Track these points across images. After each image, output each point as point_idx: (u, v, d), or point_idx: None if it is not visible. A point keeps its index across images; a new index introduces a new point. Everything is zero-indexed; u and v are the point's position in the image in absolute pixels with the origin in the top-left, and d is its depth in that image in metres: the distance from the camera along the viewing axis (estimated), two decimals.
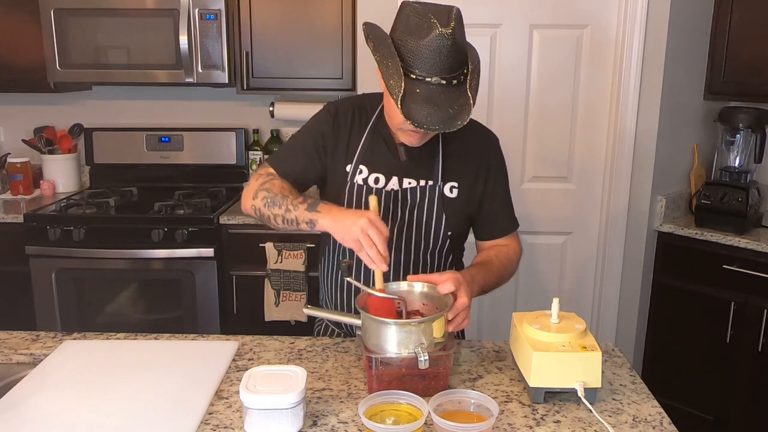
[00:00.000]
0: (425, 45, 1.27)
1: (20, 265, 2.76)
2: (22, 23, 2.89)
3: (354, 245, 1.31)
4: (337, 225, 1.34)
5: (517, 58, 2.72)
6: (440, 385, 1.28)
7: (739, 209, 2.67)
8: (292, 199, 1.42)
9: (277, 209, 1.43)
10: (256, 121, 3.31)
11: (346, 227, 1.31)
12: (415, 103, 1.28)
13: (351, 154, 1.52)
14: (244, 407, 1.13)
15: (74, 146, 3.25)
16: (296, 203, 1.41)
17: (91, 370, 1.37)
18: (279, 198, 1.43)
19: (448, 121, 1.30)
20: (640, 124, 2.70)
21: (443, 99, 1.29)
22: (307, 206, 1.39)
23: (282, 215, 1.42)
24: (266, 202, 1.45)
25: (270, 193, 1.45)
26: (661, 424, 1.21)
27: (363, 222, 1.28)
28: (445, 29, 1.25)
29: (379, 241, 1.28)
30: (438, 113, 1.29)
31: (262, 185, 1.48)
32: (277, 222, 1.45)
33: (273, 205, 1.44)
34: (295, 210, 1.40)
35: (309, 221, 1.38)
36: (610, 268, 2.85)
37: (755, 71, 2.74)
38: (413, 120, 1.28)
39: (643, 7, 2.59)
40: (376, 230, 1.28)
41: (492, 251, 1.58)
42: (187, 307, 2.80)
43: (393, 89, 1.29)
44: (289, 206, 1.41)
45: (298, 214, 1.40)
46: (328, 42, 2.88)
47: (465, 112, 1.31)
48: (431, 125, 1.29)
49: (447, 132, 1.52)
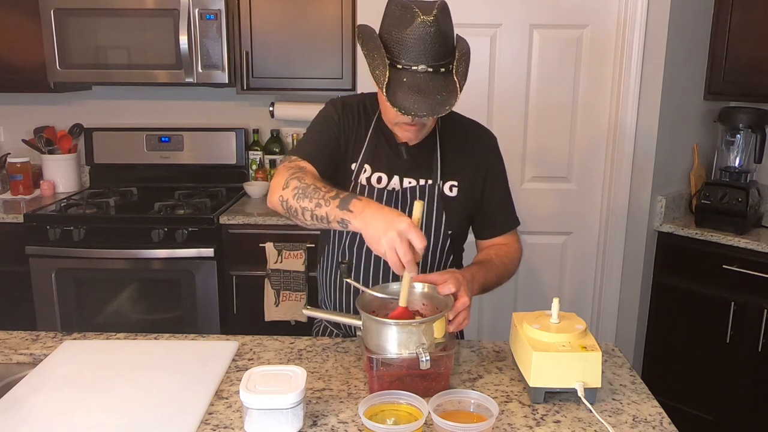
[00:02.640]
0: (409, 33, 1.28)
1: (20, 265, 2.76)
2: (22, 23, 2.89)
3: (382, 255, 1.21)
4: (367, 232, 1.21)
5: (517, 58, 2.72)
6: (441, 385, 1.28)
7: (739, 209, 2.67)
8: (324, 193, 1.28)
9: (307, 202, 1.29)
10: (256, 121, 3.31)
11: (374, 238, 1.19)
12: (401, 91, 1.29)
13: (356, 152, 1.52)
14: (244, 407, 1.13)
15: (74, 146, 3.25)
16: (328, 198, 1.27)
17: (91, 370, 1.37)
18: (311, 190, 1.29)
19: (436, 107, 1.29)
20: (640, 124, 2.70)
21: (431, 87, 1.30)
22: (339, 202, 1.25)
23: (312, 210, 1.28)
24: (296, 193, 1.31)
25: (302, 183, 1.31)
26: (661, 424, 1.21)
27: (392, 235, 1.16)
28: (428, 17, 1.27)
29: (405, 260, 1.17)
30: (425, 100, 1.29)
31: (293, 175, 1.34)
32: (305, 217, 1.31)
33: (303, 197, 1.29)
34: (327, 206, 1.26)
35: (341, 220, 1.25)
36: (610, 268, 2.85)
37: (755, 71, 2.74)
38: (400, 107, 1.29)
39: (643, 7, 2.59)
40: (405, 247, 1.16)
41: (492, 250, 1.58)
42: (187, 307, 2.80)
43: (378, 79, 1.30)
44: (320, 200, 1.27)
45: (329, 211, 1.26)
46: (328, 42, 2.88)
47: (453, 98, 1.30)
48: (419, 112, 1.29)
49: (446, 127, 1.53)
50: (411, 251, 1.17)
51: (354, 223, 1.23)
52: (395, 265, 1.19)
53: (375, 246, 1.20)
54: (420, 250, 1.18)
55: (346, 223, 1.24)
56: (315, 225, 1.32)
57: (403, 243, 1.16)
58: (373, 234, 1.19)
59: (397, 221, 1.17)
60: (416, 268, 1.22)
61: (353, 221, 1.23)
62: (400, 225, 1.17)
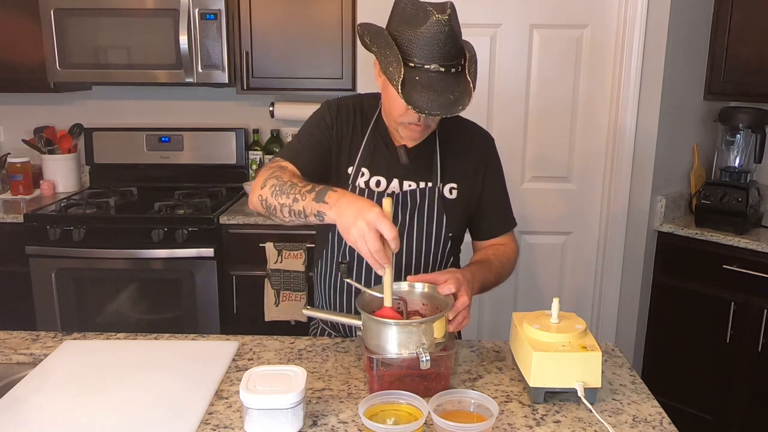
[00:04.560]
0: (422, 32, 1.27)
1: (20, 265, 2.76)
2: (22, 23, 2.89)
3: (352, 245, 1.21)
4: (339, 222, 1.22)
5: (517, 58, 2.72)
6: (441, 385, 1.28)
7: (739, 209, 2.67)
8: (300, 188, 1.29)
9: (284, 198, 1.30)
10: (256, 121, 3.31)
11: (344, 228, 1.21)
12: (414, 89, 1.28)
13: (353, 155, 1.51)
14: (244, 407, 1.13)
15: (74, 146, 3.25)
16: (304, 192, 1.27)
17: (91, 370, 1.37)
18: (287, 186, 1.31)
19: (449, 107, 1.28)
20: (640, 124, 2.70)
21: (443, 86, 1.29)
22: (315, 195, 1.26)
23: (289, 206, 1.29)
24: (274, 191, 1.32)
25: (279, 181, 1.33)
26: (661, 424, 1.21)
27: (361, 225, 1.17)
28: (442, 16, 1.26)
29: (373, 249, 1.17)
30: (439, 99, 1.28)
31: (271, 174, 1.36)
32: (284, 214, 1.31)
33: (281, 194, 1.31)
34: (303, 200, 1.27)
35: (317, 213, 1.25)
36: (610, 268, 2.85)
37: (755, 71, 2.74)
38: (414, 105, 1.27)
39: (643, 7, 2.59)
40: (374, 236, 1.16)
41: (490, 250, 1.58)
42: (187, 307, 2.80)
43: (392, 76, 1.28)
44: (297, 195, 1.28)
45: (305, 205, 1.26)
46: (328, 42, 2.88)
47: (466, 97, 1.30)
48: (433, 110, 1.28)
49: (444, 129, 1.53)
50: (380, 241, 1.17)
51: (329, 214, 1.23)
52: (366, 255, 1.19)
53: (346, 236, 1.21)
54: (391, 241, 1.18)
55: (322, 216, 1.25)
56: (294, 221, 1.32)
57: (371, 232, 1.16)
58: (344, 223, 1.20)
59: (367, 211, 1.17)
60: (389, 260, 1.22)
61: (328, 212, 1.23)
62: (370, 215, 1.17)
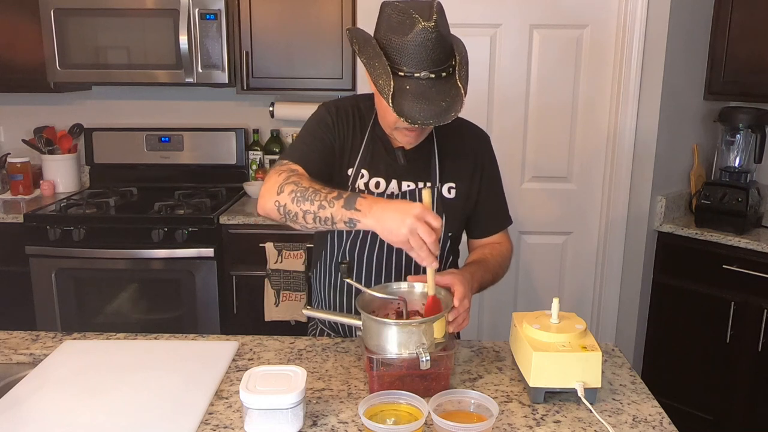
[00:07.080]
0: (410, 41, 1.26)
1: (20, 265, 2.76)
2: (22, 23, 2.89)
3: (403, 246, 1.21)
4: (382, 226, 1.21)
5: (517, 58, 2.72)
6: (441, 385, 1.28)
7: (739, 209, 2.67)
8: (325, 194, 1.27)
9: (308, 205, 1.27)
10: (256, 121, 3.31)
11: (392, 230, 1.19)
12: (406, 100, 1.27)
13: (353, 157, 1.51)
14: (244, 407, 1.13)
15: (74, 146, 3.25)
16: (331, 199, 1.26)
17: (91, 370, 1.37)
18: (310, 192, 1.28)
19: (442, 114, 1.28)
20: (640, 124, 2.70)
21: (434, 93, 1.28)
22: (344, 202, 1.24)
23: (314, 212, 1.27)
24: (295, 197, 1.29)
25: (299, 187, 1.30)
26: (661, 424, 1.21)
27: (410, 221, 1.17)
28: (428, 23, 1.25)
29: (429, 240, 1.18)
30: (430, 108, 1.27)
31: (287, 179, 1.33)
32: (307, 220, 1.29)
33: (303, 201, 1.28)
34: (331, 207, 1.25)
35: (348, 220, 1.24)
36: (610, 268, 2.85)
37: (755, 71, 2.74)
38: (406, 117, 1.27)
39: (643, 7, 2.59)
40: (426, 228, 1.17)
41: (486, 249, 1.59)
42: (187, 307, 2.80)
43: (383, 89, 1.27)
44: (323, 202, 1.26)
45: (334, 212, 1.25)
46: (328, 42, 2.88)
47: (457, 103, 1.29)
48: (425, 120, 1.27)
49: (441, 130, 1.52)
50: (431, 234, 1.18)
51: (364, 221, 1.23)
52: (421, 248, 1.19)
53: (395, 237, 1.20)
54: (438, 230, 1.19)
55: (355, 222, 1.24)
56: (316, 227, 1.30)
57: (423, 225, 1.18)
58: (390, 226, 1.19)
59: (410, 208, 1.19)
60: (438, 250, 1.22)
61: (363, 219, 1.23)
62: (415, 210, 1.18)
